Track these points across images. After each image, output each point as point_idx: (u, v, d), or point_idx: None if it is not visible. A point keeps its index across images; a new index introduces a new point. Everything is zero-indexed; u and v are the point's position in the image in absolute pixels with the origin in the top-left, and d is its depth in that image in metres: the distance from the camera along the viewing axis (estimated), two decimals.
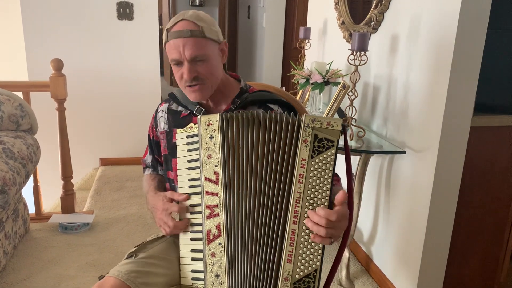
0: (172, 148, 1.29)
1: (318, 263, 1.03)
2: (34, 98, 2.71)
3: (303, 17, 4.15)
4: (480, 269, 2.01)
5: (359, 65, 1.95)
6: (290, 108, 1.32)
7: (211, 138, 1.11)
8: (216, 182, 1.10)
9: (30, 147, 2.28)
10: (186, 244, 1.17)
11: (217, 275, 1.10)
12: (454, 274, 1.98)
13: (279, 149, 1.05)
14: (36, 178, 2.67)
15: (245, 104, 1.27)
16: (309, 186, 1.03)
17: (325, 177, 1.03)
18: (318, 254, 1.03)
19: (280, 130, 1.06)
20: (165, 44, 1.21)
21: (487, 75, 1.76)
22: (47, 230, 2.55)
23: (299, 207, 1.03)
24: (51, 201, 3.44)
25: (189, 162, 1.16)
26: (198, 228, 1.14)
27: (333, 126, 1.04)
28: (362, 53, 1.94)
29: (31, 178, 2.62)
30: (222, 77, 1.28)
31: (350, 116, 2.03)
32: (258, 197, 1.06)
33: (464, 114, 1.71)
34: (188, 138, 1.16)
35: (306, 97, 2.57)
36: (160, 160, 1.41)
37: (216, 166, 1.10)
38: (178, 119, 1.32)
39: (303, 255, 1.03)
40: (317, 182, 1.03)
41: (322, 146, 1.04)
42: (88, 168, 3.68)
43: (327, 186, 1.03)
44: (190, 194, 1.15)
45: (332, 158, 1.03)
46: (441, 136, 1.71)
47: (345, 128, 1.07)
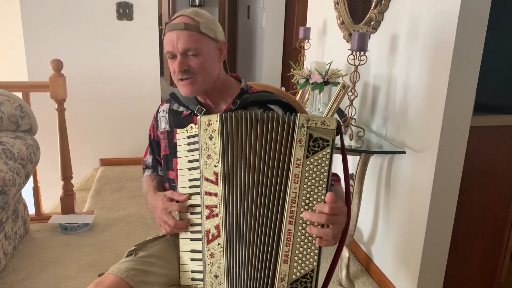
0: (173, 148, 1.29)
1: (315, 263, 1.03)
2: (33, 99, 2.71)
3: (303, 17, 4.15)
4: (480, 269, 2.01)
5: (359, 65, 1.95)
6: (290, 108, 1.32)
7: (211, 138, 1.11)
8: (215, 183, 1.10)
9: (29, 148, 2.28)
10: (185, 244, 1.17)
11: (216, 276, 1.10)
12: (454, 274, 1.98)
13: (275, 149, 1.05)
14: (36, 178, 2.66)
15: (245, 104, 1.27)
16: (304, 186, 1.03)
17: (320, 176, 1.03)
18: (314, 254, 1.03)
19: (276, 130, 1.06)
20: (163, 37, 1.22)
21: (487, 75, 1.76)
22: (47, 231, 2.55)
23: (295, 207, 1.03)
24: (51, 201, 3.44)
25: (189, 162, 1.16)
26: (198, 228, 1.14)
27: (327, 125, 1.03)
28: (362, 53, 1.94)
29: (31, 179, 2.62)
30: (223, 77, 1.28)
31: (350, 116, 2.03)
32: (255, 197, 1.06)
33: (463, 114, 1.71)
34: (188, 138, 1.16)
35: (306, 97, 2.57)
36: (160, 160, 1.41)
37: (215, 167, 1.10)
38: (179, 119, 1.32)
39: (300, 255, 1.03)
40: (312, 182, 1.03)
41: (317, 145, 1.03)
42: (88, 168, 3.68)
43: (323, 186, 1.02)
44: (190, 194, 1.15)
45: (327, 157, 1.03)
46: (441, 136, 1.71)
47: (340, 127, 1.06)
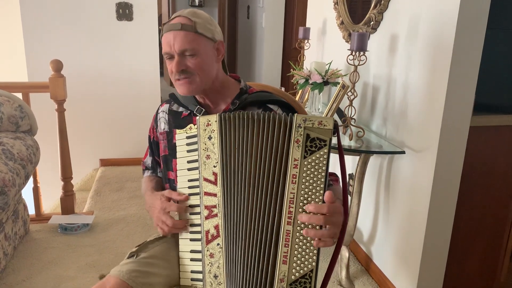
0: (172, 148, 1.29)
1: (314, 263, 1.03)
2: (33, 99, 2.71)
3: (303, 17, 4.15)
4: (479, 268, 2.01)
5: (358, 65, 1.95)
6: (289, 108, 1.32)
7: (210, 138, 1.11)
8: (214, 183, 1.10)
9: (29, 148, 2.28)
10: (185, 244, 1.17)
11: (215, 276, 1.10)
12: (454, 274, 1.98)
13: (273, 149, 1.06)
14: (36, 179, 2.67)
15: (244, 104, 1.27)
16: (302, 186, 1.03)
17: (318, 176, 1.03)
18: (313, 255, 1.03)
19: (273, 130, 1.06)
20: (161, 38, 1.22)
21: (486, 75, 1.76)
22: (47, 231, 2.55)
23: (293, 208, 1.03)
24: (51, 202, 3.44)
25: (188, 162, 1.16)
26: (197, 228, 1.14)
27: (324, 125, 1.04)
28: (361, 53, 1.94)
29: (31, 179, 2.62)
30: (222, 77, 1.28)
31: (349, 116, 2.03)
32: (254, 198, 1.06)
33: (463, 114, 1.71)
34: (187, 138, 1.16)
35: (306, 97, 2.57)
36: (159, 161, 1.41)
37: (214, 167, 1.10)
38: (178, 120, 1.32)
39: (298, 256, 1.03)
40: (310, 182, 1.03)
41: (314, 145, 1.03)
42: (88, 169, 3.68)
43: (321, 186, 1.02)
44: (189, 194, 1.15)
45: (325, 157, 1.03)
46: (440, 135, 1.71)
47: (337, 127, 1.06)
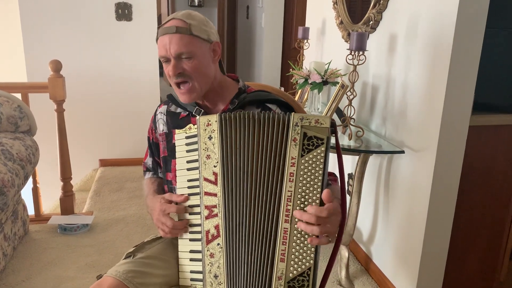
0: (171, 149, 1.29)
1: (312, 261, 1.03)
2: (32, 100, 2.71)
3: (302, 17, 4.15)
4: (479, 268, 2.01)
5: (358, 64, 1.95)
6: (288, 107, 1.32)
7: (210, 138, 1.11)
8: (214, 183, 1.10)
9: (29, 149, 2.28)
10: (184, 244, 1.17)
11: (215, 276, 1.10)
12: (454, 273, 1.98)
13: (271, 148, 1.06)
14: (35, 179, 2.66)
15: (243, 104, 1.27)
16: (299, 185, 1.03)
17: (315, 175, 1.03)
18: (311, 253, 1.03)
19: (271, 129, 1.06)
20: (156, 41, 1.21)
21: (486, 74, 1.76)
22: (47, 232, 2.55)
23: (291, 206, 1.04)
24: (51, 202, 3.44)
25: (188, 162, 1.16)
26: (197, 228, 1.14)
27: (321, 123, 1.04)
28: (361, 52, 1.94)
29: (30, 180, 2.62)
30: (219, 78, 1.28)
31: (348, 115, 2.03)
32: (253, 197, 1.06)
33: (462, 113, 1.71)
34: (187, 138, 1.16)
35: (305, 97, 2.57)
36: (160, 162, 1.41)
37: (215, 167, 1.10)
38: (177, 121, 1.32)
39: (296, 254, 1.04)
40: (307, 180, 1.03)
41: (311, 144, 1.04)
42: (87, 169, 3.68)
43: (318, 184, 1.03)
44: (189, 194, 1.15)
45: (322, 156, 1.03)
46: (439, 135, 1.71)
47: (334, 125, 1.06)
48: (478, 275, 2.02)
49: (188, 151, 1.16)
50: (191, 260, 1.16)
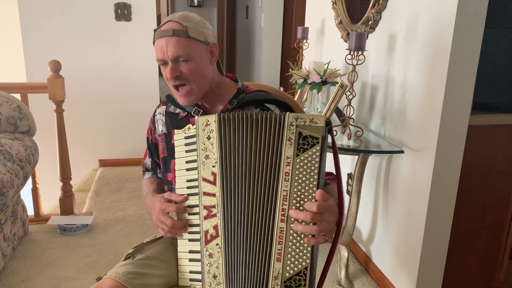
0: (171, 150, 1.29)
1: (308, 261, 1.03)
2: (32, 100, 2.71)
3: (301, 17, 4.15)
4: (479, 268, 2.01)
5: (357, 64, 1.95)
6: (287, 107, 1.32)
7: (209, 138, 1.11)
8: (213, 183, 1.10)
9: (28, 149, 2.28)
10: (184, 245, 1.17)
11: (214, 276, 1.10)
12: (453, 273, 1.98)
13: (267, 148, 1.06)
14: (34, 179, 2.66)
15: (242, 104, 1.27)
16: (295, 184, 1.04)
17: (311, 174, 1.03)
18: (307, 252, 1.03)
19: (267, 129, 1.06)
20: (153, 44, 1.21)
21: (485, 74, 1.76)
22: (46, 232, 2.55)
23: (286, 205, 1.04)
24: (50, 202, 3.44)
25: (187, 163, 1.16)
26: (196, 229, 1.14)
27: (316, 123, 1.04)
28: (360, 52, 1.94)
29: (30, 180, 2.61)
30: (218, 78, 1.28)
31: (348, 115, 2.03)
32: (251, 197, 1.07)
33: (462, 113, 1.71)
34: (186, 139, 1.16)
35: (304, 97, 2.57)
36: (159, 162, 1.41)
37: (213, 167, 1.10)
38: (176, 121, 1.32)
39: (292, 253, 1.04)
40: (303, 179, 1.03)
41: (306, 143, 1.04)
42: (87, 169, 3.68)
43: (314, 183, 1.03)
44: (188, 194, 1.15)
45: (317, 155, 1.03)
46: (439, 135, 1.71)
47: (329, 124, 1.06)
48: (477, 275, 2.02)
49: (187, 151, 1.16)
50: (190, 260, 1.16)
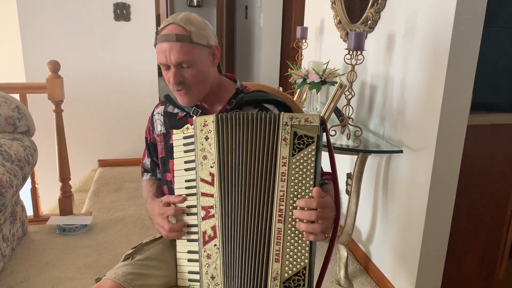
0: (169, 150, 1.28)
1: (306, 261, 1.03)
2: (31, 100, 2.71)
3: (300, 16, 4.15)
4: (478, 267, 2.01)
5: (356, 64, 1.95)
6: (286, 107, 1.31)
7: (207, 139, 1.11)
8: (211, 183, 1.10)
9: (27, 149, 2.28)
10: (182, 245, 1.17)
11: (212, 277, 1.10)
12: (453, 273, 1.98)
13: (263, 148, 1.06)
14: (34, 180, 2.66)
15: (240, 104, 1.27)
16: (291, 184, 1.04)
17: (307, 173, 1.03)
18: (305, 252, 1.03)
19: (263, 129, 1.06)
20: (155, 46, 1.20)
21: (484, 73, 1.76)
22: (45, 232, 2.55)
23: (283, 206, 1.04)
24: (49, 203, 3.44)
25: (185, 163, 1.16)
26: (194, 229, 1.14)
27: (311, 122, 1.04)
28: (359, 52, 1.94)
29: (29, 180, 2.61)
30: (217, 78, 1.28)
31: (347, 115, 2.03)
32: (248, 197, 1.07)
33: (461, 112, 1.71)
34: (184, 139, 1.16)
35: (304, 97, 2.57)
36: (158, 162, 1.40)
37: (211, 167, 1.10)
38: (174, 121, 1.32)
39: (291, 254, 1.04)
40: (299, 179, 1.03)
41: (302, 143, 1.04)
42: (86, 169, 3.68)
43: (310, 183, 1.03)
44: (187, 195, 1.15)
45: (313, 154, 1.03)
46: (438, 134, 1.71)
47: (324, 123, 1.06)
48: (477, 274, 2.02)
49: (185, 152, 1.16)
50: (189, 260, 1.16)
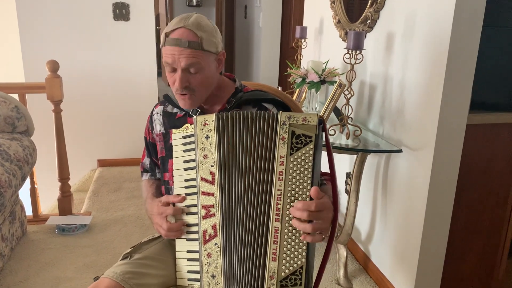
0: (168, 149, 1.28)
1: (304, 260, 1.03)
2: (30, 100, 2.70)
3: (300, 16, 4.15)
4: (478, 266, 2.01)
5: (355, 63, 1.95)
6: (284, 107, 1.31)
7: (207, 138, 1.11)
8: (212, 182, 1.10)
9: (26, 149, 2.28)
10: (182, 244, 1.17)
11: (213, 276, 1.10)
12: (452, 272, 1.98)
13: (261, 147, 1.06)
14: (33, 180, 2.66)
15: (239, 103, 1.27)
16: (289, 183, 1.04)
17: (304, 173, 1.03)
18: (302, 251, 1.03)
19: (261, 128, 1.06)
20: (161, 46, 1.19)
21: (483, 73, 1.76)
22: (45, 232, 2.54)
23: (281, 205, 1.04)
24: (49, 203, 3.44)
25: (185, 162, 1.16)
26: (194, 228, 1.14)
27: (309, 121, 1.04)
28: (358, 51, 1.94)
29: (28, 180, 2.61)
30: (218, 79, 1.28)
31: (346, 115, 2.03)
32: (247, 196, 1.07)
33: (460, 112, 1.71)
34: (184, 138, 1.16)
35: (303, 96, 2.57)
36: (157, 162, 1.40)
37: (212, 166, 1.10)
38: (173, 121, 1.32)
39: (288, 252, 1.04)
40: (297, 178, 1.03)
41: (300, 142, 1.04)
42: (85, 169, 3.68)
43: (308, 182, 1.03)
44: (186, 194, 1.15)
45: (311, 153, 1.03)
46: (437, 134, 1.71)
47: (323, 122, 1.06)
48: (476, 274, 2.02)
49: (185, 151, 1.16)
50: (189, 260, 1.15)
